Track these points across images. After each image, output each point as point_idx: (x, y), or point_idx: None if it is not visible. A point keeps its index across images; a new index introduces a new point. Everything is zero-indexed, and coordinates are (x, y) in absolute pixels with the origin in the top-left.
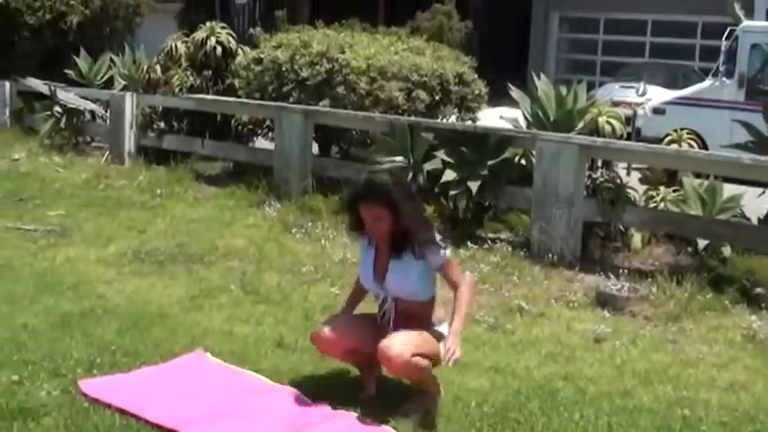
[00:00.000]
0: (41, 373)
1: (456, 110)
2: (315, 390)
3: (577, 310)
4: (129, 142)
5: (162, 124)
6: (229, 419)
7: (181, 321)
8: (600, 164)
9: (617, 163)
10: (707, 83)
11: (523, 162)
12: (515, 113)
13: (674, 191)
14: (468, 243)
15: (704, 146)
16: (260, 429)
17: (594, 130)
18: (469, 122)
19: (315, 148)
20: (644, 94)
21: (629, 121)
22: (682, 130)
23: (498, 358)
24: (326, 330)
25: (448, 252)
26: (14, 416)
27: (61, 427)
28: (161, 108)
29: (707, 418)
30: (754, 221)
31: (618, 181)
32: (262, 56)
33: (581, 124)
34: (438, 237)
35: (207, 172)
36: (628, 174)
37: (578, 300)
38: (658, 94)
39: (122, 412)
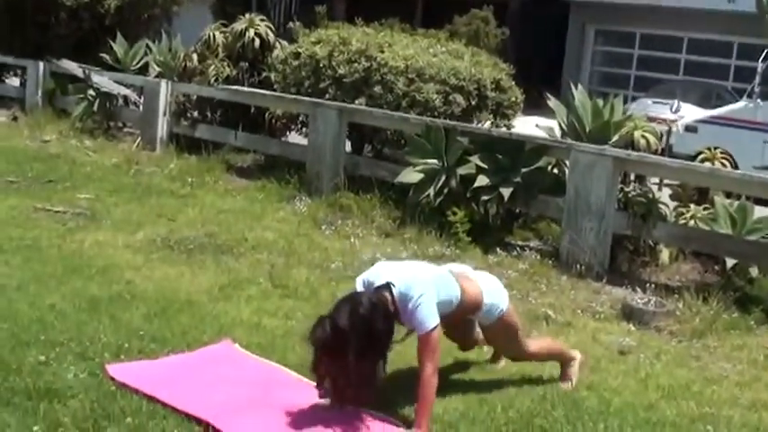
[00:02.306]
0: (69, 355)
1: (491, 116)
2: None
3: (603, 322)
4: (162, 129)
5: (195, 113)
6: (255, 410)
7: (209, 310)
8: (632, 177)
9: (649, 178)
10: (741, 103)
11: (556, 171)
12: (549, 122)
13: (705, 209)
14: (498, 249)
15: (735, 166)
16: (285, 422)
17: (630, 144)
18: (504, 129)
19: (348, 145)
20: (677, 110)
21: (661, 136)
22: (715, 149)
23: (524, 364)
24: None
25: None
26: (41, 396)
27: (87, 409)
28: (195, 97)
29: None
30: None
31: (650, 196)
32: (300, 50)
33: (616, 137)
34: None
35: (238, 163)
36: (659, 189)
37: (604, 311)
38: (691, 112)
39: (149, 398)
